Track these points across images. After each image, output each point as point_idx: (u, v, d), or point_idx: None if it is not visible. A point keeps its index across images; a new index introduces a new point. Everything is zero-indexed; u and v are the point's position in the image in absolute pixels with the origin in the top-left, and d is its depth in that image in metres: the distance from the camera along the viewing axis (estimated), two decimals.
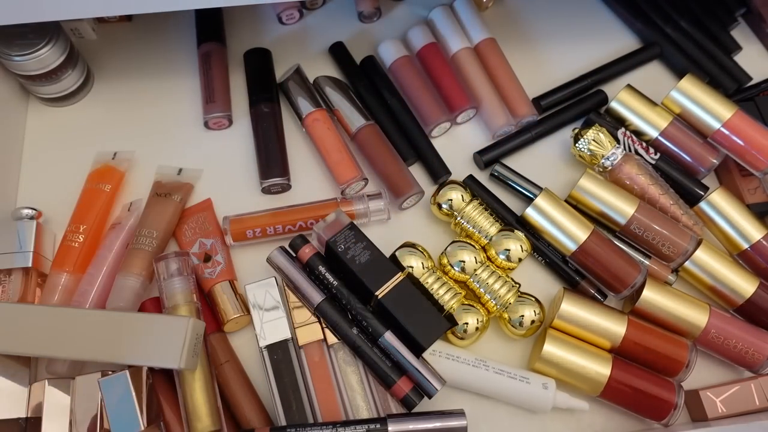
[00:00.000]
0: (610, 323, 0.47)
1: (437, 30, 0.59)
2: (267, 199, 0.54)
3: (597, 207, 0.51)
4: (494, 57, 0.58)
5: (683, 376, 0.47)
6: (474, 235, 0.50)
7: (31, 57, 0.51)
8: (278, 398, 0.45)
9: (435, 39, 0.59)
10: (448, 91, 0.56)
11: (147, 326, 0.42)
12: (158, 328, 0.42)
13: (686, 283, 0.52)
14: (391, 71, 0.58)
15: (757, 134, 0.52)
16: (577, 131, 0.54)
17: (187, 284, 0.47)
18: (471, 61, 0.57)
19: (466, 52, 0.58)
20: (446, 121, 0.55)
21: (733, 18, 0.62)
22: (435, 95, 0.56)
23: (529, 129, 0.56)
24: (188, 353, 0.42)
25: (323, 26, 0.62)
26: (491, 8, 0.63)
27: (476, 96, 0.56)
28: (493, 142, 0.56)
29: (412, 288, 0.46)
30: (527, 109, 0.56)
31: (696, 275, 0.50)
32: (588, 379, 0.46)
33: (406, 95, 0.57)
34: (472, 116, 0.58)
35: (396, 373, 0.45)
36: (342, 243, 0.47)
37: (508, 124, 0.55)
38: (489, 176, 0.55)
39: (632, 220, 0.50)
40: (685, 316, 0.48)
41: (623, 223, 0.50)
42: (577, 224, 0.50)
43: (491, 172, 0.54)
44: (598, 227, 0.51)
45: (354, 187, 0.54)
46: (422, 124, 0.56)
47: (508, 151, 0.56)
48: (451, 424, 0.44)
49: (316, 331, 0.47)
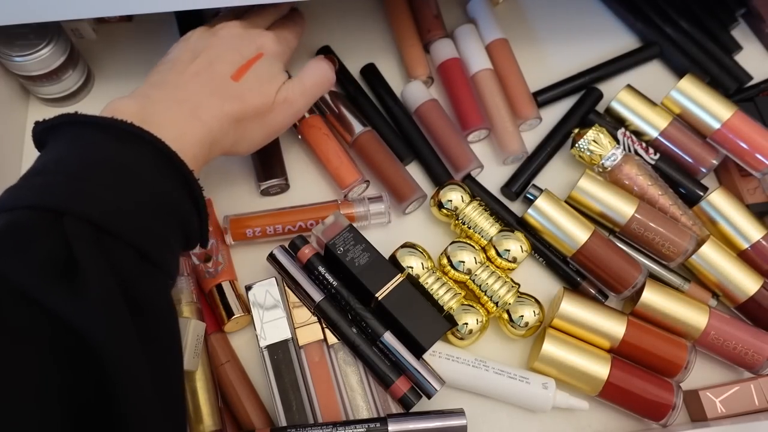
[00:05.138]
0: (610, 323, 0.47)
1: (460, 47, 0.59)
2: (267, 201, 0.54)
3: (597, 207, 0.51)
4: (505, 58, 0.58)
5: (682, 377, 0.47)
6: (474, 236, 0.50)
7: (31, 57, 0.51)
8: (278, 398, 0.45)
9: (458, 54, 0.58)
10: (464, 107, 0.56)
11: None
12: None
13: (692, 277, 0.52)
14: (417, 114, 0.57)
15: (757, 134, 0.52)
16: (576, 132, 0.54)
17: (187, 284, 0.47)
18: (491, 83, 0.57)
19: (487, 73, 0.57)
20: None
21: (733, 18, 0.62)
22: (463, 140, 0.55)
23: (543, 146, 0.56)
24: (189, 354, 0.42)
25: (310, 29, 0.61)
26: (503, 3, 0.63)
27: (491, 118, 0.56)
28: (514, 172, 0.55)
29: (411, 289, 0.46)
30: (532, 111, 0.56)
31: (701, 270, 0.51)
32: (587, 379, 0.46)
33: (433, 138, 0.56)
34: (483, 137, 0.57)
35: (395, 373, 0.45)
36: (341, 245, 0.47)
37: (521, 151, 0.55)
38: (523, 198, 0.54)
39: (632, 220, 0.50)
40: (685, 318, 0.48)
41: (623, 224, 0.50)
42: (577, 225, 0.50)
43: (525, 195, 0.54)
44: (598, 228, 0.51)
45: (356, 190, 0.54)
46: (452, 168, 0.55)
47: (531, 175, 0.55)
48: (451, 423, 0.44)
49: (316, 332, 0.47)
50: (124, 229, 0.32)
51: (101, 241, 0.31)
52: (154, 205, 0.35)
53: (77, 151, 0.34)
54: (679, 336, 0.48)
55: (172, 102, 0.40)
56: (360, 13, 0.63)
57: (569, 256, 0.50)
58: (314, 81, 0.49)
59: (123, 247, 0.32)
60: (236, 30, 0.47)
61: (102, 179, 0.33)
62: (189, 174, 0.37)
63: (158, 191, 0.35)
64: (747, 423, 0.44)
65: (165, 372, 0.33)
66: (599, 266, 0.49)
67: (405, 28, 0.60)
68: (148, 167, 0.35)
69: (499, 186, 0.56)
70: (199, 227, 0.39)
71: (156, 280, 0.34)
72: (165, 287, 0.36)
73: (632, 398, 0.46)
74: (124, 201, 0.33)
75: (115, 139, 0.35)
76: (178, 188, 0.37)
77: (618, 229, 0.51)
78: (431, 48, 0.59)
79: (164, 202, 0.35)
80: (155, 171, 0.35)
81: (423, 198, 0.53)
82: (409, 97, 0.57)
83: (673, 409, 0.45)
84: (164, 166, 0.36)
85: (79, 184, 0.32)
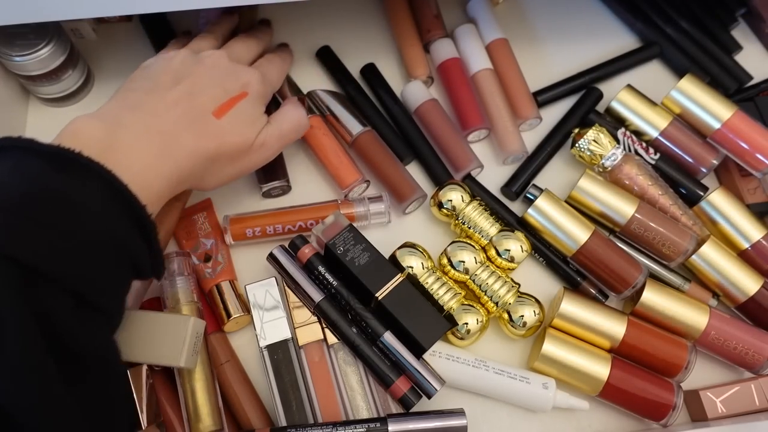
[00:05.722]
0: (610, 323, 0.47)
1: (460, 46, 0.59)
2: (267, 202, 0.54)
3: (597, 207, 0.51)
4: (505, 58, 0.58)
5: (682, 377, 0.47)
6: (474, 236, 0.50)
7: (31, 57, 0.51)
8: (278, 398, 0.45)
9: (458, 54, 0.58)
10: (464, 107, 0.56)
11: (148, 324, 0.42)
12: (159, 326, 0.42)
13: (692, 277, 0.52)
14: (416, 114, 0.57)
15: (757, 134, 0.52)
16: (576, 132, 0.54)
17: (188, 284, 0.47)
18: (491, 83, 0.57)
19: (487, 73, 0.57)
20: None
21: (733, 18, 0.62)
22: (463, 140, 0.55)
23: (543, 146, 0.56)
24: (189, 351, 0.42)
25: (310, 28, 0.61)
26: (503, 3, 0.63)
27: (491, 118, 0.56)
28: (514, 172, 0.55)
29: (411, 289, 0.46)
30: (532, 111, 0.56)
31: (702, 270, 0.50)
32: (587, 379, 0.46)
33: (433, 138, 0.56)
34: (482, 137, 0.57)
35: (395, 373, 0.45)
36: (341, 245, 0.47)
37: (521, 151, 0.55)
38: (523, 198, 0.54)
39: (632, 220, 0.50)
40: (686, 318, 0.48)
41: (623, 224, 0.50)
42: (578, 225, 0.50)
43: (526, 195, 0.53)
44: (598, 228, 0.51)
45: (357, 190, 0.54)
46: (452, 168, 0.55)
47: (532, 175, 0.55)
48: (451, 423, 0.44)
49: (316, 332, 0.47)
50: (59, 272, 0.30)
51: (33, 285, 0.29)
52: (97, 244, 0.32)
53: (17, 181, 0.31)
54: (680, 336, 0.48)
55: (144, 131, 0.38)
56: (360, 12, 0.63)
57: (569, 256, 0.50)
58: (291, 127, 0.48)
59: (57, 291, 0.30)
60: (222, 62, 0.45)
61: (40, 215, 0.30)
62: (140, 210, 0.34)
63: (103, 228, 0.32)
64: (747, 423, 0.44)
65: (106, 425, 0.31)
66: (599, 266, 0.49)
67: (405, 28, 0.60)
68: (94, 202, 0.32)
69: (499, 186, 0.55)
70: (151, 263, 0.37)
71: (95, 324, 0.32)
72: (104, 332, 0.33)
73: (632, 398, 0.46)
74: (62, 240, 0.30)
75: (60, 169, 0.32)
76: (126, 225, 0.34)
77: (618, 229, 0.51)
78: (431, 48, 0.59)
79: (108, 239, 0.33)
80: (101, 206, 0.33)
81: (423, 198, 0.53)
82: (409, 97, 0.57)
83: (674, 409, 0.45)
84: (112, 201, 0.34)
85: (12, 220, 0.29)
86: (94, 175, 0.33)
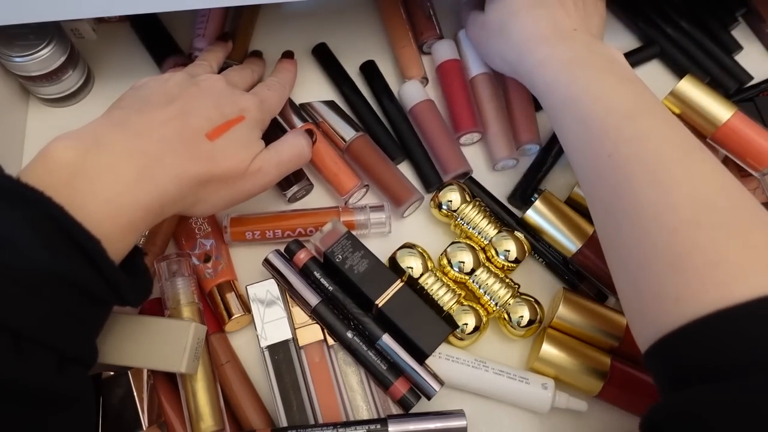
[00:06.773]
0: (609, 324, 0.47)
1: (462, 49, 0.58)
2: (267, 203, 0.54)
3: None
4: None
5: None
6: (474, 236, 0.50)
7: (31, 58, 0.51)
8: (279, 398, 0.45)
9: (459, 56, 0.58)
10: (458, 109, 0.55)
11: (149, 329, 0.42)
12: (160, 331, 0.42)
13: None
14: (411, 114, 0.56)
15: (757, 135, 0.51)
16: None
17: (188, 285, 0.47)
18: (488, 87, 0.56)
19: (485, 77, 0.57)
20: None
21: (733, 18, 0.62)
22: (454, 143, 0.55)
23: (547, 151, 0.55)
24: (190, 357, 0.42)
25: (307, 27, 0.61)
26: None
27: (485, 122, 0.55)
28: (519, 181, 0.55)
29: (411, 294, 0.46)
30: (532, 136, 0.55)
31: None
32: (586, 379, 0.46)
33: (425, 139, 0.56)
34: (476, 140, 0.57)
35: (393, 375, 0.45)
36: (340, 253, 0.46)
37: (510, 156, 0.54)
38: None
39: None
40: None
41: None
42: (577, 226, 0.50)
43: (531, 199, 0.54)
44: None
45: (356, 196, 0.54)
46: (441, 170, 0.54)
47: (537, 182, 0.55)
48: (450, 424, 0.44)
49: (317, 332, 0.47)
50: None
51: None
52: (28, 277, 0.30)
53: None
54: None
55: (124, 152, 0.36)
56: (356, 12, 0.63)
57: (569, 257, 0.50)
58: (291, 155, 0.46)
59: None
60: (220, 85, 0.44)
61: None
62: (87, 242, 0.31)
63: (40, 261, 0.30)
64: None
65: None
66: (599, 267, 0.49)
67: (399, 28, 0.59)
68: (29, 235, 0.30)
69: (493, 189, 0.55)
70: (114, 292, 0.34)
71: (39, 360, 0.30)
72: (50, 367, 0.31)
73: (632, 398, 0.46)
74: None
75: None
76: (70, 257, 0.31)
77: None
78: (432, 48, 0.59)
79: (47, 275, 0.30)
80: (38, 240, 0.30)
81: (420, 200, 0.53)
82: (405, 96, 0.57)
83: None
84: (53, 233, 0.31)
85: None
86: (31, 205, 0.30)
